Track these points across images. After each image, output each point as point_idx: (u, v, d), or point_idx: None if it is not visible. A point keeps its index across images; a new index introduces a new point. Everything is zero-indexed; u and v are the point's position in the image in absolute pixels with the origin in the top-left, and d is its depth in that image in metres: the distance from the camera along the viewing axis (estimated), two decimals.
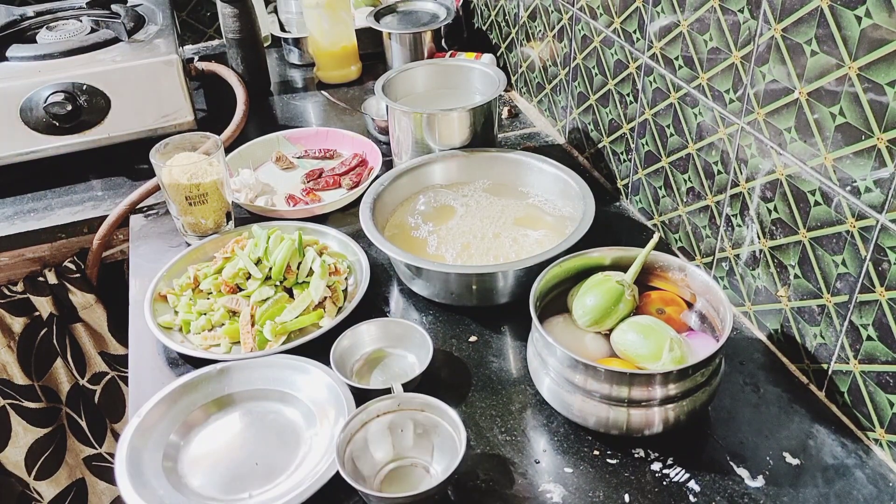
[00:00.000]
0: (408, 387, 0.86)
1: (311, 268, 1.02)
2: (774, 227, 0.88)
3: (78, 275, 1.29)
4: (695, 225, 1.03)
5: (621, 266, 0.91)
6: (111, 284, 1.35)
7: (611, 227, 1.16)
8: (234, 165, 1.29)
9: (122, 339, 1.37)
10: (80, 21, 1.41)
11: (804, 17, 0.77)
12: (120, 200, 1.24)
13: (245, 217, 1.20)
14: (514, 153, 1.18)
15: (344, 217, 1.21)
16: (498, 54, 1.59)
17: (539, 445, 0.83)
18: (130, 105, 1.29)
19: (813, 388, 0.88)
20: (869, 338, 0.78)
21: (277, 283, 1.01)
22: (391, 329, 0.95)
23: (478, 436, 0.84)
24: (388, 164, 1.29)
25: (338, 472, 0.76)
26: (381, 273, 1.08)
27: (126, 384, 1.38)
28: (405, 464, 0.81)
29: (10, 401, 1.31)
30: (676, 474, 0.79)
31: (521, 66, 1.50)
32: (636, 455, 0.81)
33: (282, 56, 1.76)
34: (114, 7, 1.45)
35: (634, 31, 1.07)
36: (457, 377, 0.92)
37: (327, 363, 0.92)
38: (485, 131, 1.20)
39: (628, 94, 1.13)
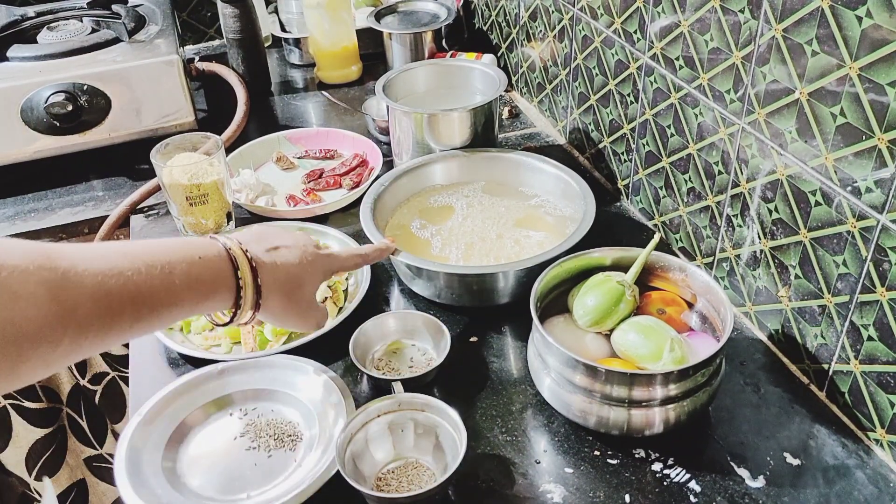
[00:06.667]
0: (424, 378, 0.88)
1: None
2: (775, 228, 0.88)
3: None
4: (695, 225, 1.03)
5: (622, 266, 0.91)
6: None
7: (611, 227, 1.15)
8: (234, 166, 1.29)
9: None
10: (81, 21, 1.41)
11: (805, 17, 0.76)
12: (120, 201, 1.24)
13: (246, 217, 1.20)
14: (515, 153, 1.18)
15: (344, 217, 1.21)
16: (498, 54, 1.59)
17: (539, 446, 0.83)
18: (131, 105, 1.29)
19: (814, 388, 0.88)
20: (870, 338, 0.78)
21: None
22: (410, 321, 0.96)
23: (478, 436, 0.84)
24: (388, 165, 1.29)
25: (338, 472, 0.76)
26: (382, 273, 1.08)
27: (126, 384, 1.38)
28: (405, 464, 0.81)
29: (10, 401, 1.31)
30: (677, 474, 0.79)
31: (521, 67, 1.50)
32: (637, 455, 0.81)
33: (282, 56, 1.76)
34: (114, 7, 1.45)
35: (635, 32, 1.07)
36: (457, 377, 0.92)
37: (328, 363, 0.92)
38: (485, 131, 1.20)
39: (629, 95, 1.13)
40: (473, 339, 0.97)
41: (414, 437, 0.81)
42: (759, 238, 0.91)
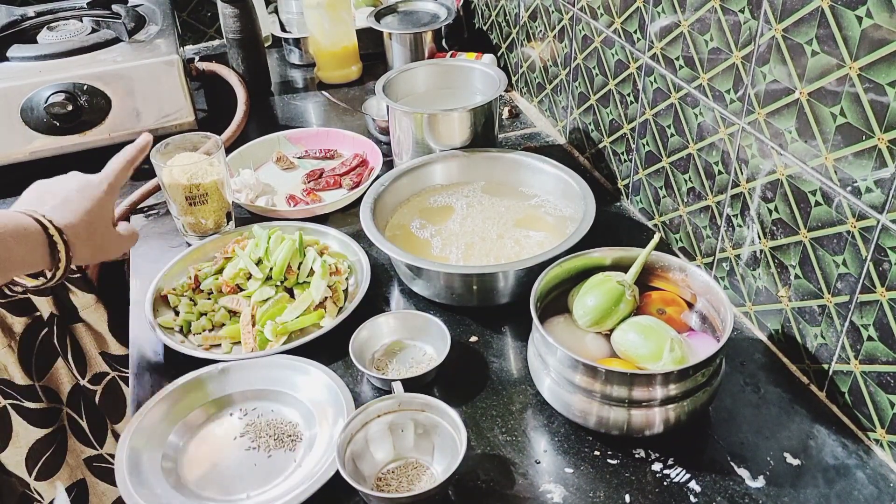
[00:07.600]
0: (424, 378, 0.88)
1: (311, 268, 1.02)
2: (775, 228, 0.88)
3: (78, 275, 1.29)
4: (695, 225, 1.03)
5: (622, 266, 0.91)
6: (112, 284, 1.35)
7: (611, 227, 1.16)
8: (234, 165, 1.29)
9: (123, 339, 1.37)
10: (81, 21, 1.41)
11: (805, 17, 0.76)
12: (120, 200, 1.23)
13: (246, 217, 1.20)
14: (515, 153, 1.18)
15: (344, 217, 1.21)
16: (498, 54, 1.59)
17: (540, 446, 0.83)
18: (131, 105, 1.29)
19: (813, 388, 0.88)
20: (870, 338, 0.78)
21: (278, 284, 1.01)
22: (410, 321, 0.96)
23: (478, 436, 0.84)
24: (388, 165, 1.29)
25: (338, 472, 0.76)
26: (382, 273, 1.08)
27: (127, 384, 1.38)
28: (405, 464, 0.81)
29: (10, 401, 1.31)
30: (677, 475, 0.79)
31: (521, 67, 1.50)
32: (637, 455, 0.81)
33: (282, 56, 1.76)
34: (114, 7, 1.45)
35: (635, 32, 1.07)
36: (457, 377, 0.92)
37: (328, 363, 0.92)
38: (485, 131, 1.20)
39: (629, 95, 1.13)
40: (473, 339, 0.97)
41: (414, 437, 0.81)
42: (759, 238, 0.91)
